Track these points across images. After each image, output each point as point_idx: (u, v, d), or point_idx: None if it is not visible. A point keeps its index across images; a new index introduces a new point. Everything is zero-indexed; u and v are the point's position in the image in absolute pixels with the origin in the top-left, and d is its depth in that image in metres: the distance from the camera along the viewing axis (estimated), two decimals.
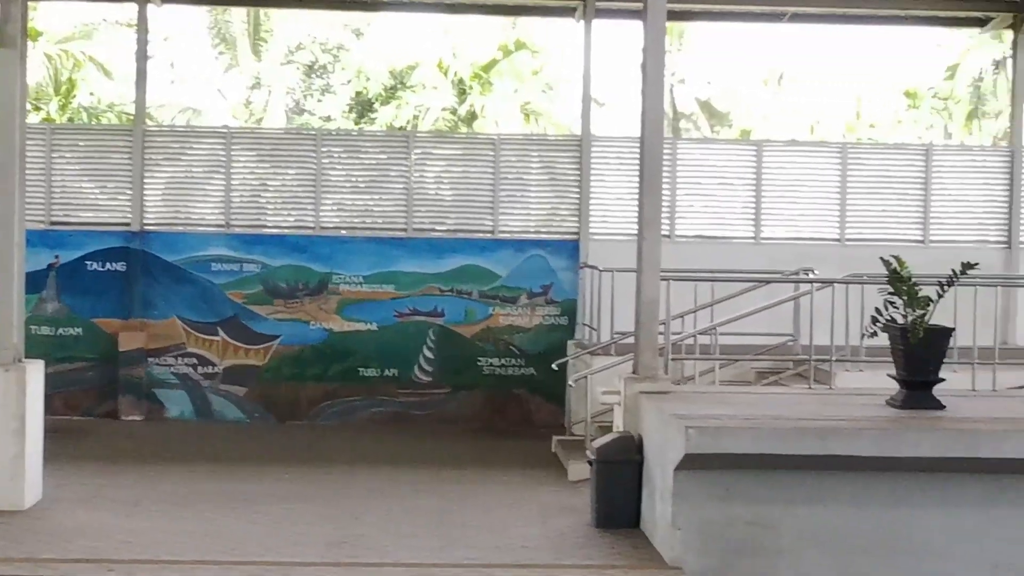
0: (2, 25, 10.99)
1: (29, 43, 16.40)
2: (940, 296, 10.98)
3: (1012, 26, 19.93)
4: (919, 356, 10.83)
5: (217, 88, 37.69)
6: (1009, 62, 21.30)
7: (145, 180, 18.72)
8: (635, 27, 15.53)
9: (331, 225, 18.87)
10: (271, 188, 19.00)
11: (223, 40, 37.58)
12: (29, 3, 14.60)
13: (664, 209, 14.79)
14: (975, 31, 24.25)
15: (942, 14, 20.30)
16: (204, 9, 34.63)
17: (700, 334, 14.60)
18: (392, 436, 17.29)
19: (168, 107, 34.85)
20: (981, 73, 38.49)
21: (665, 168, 13.86)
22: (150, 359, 18.42)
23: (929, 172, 19.76)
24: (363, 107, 37.67)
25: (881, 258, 11.18)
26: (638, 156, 12.39)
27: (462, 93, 37.13)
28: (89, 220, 18.81)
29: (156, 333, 18.46)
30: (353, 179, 19.15)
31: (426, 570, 9.35)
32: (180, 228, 18.79)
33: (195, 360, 18.47)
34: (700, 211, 19.27)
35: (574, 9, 19.22)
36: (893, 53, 39.83)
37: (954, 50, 38.84)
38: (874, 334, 11.35)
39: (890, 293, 10.94)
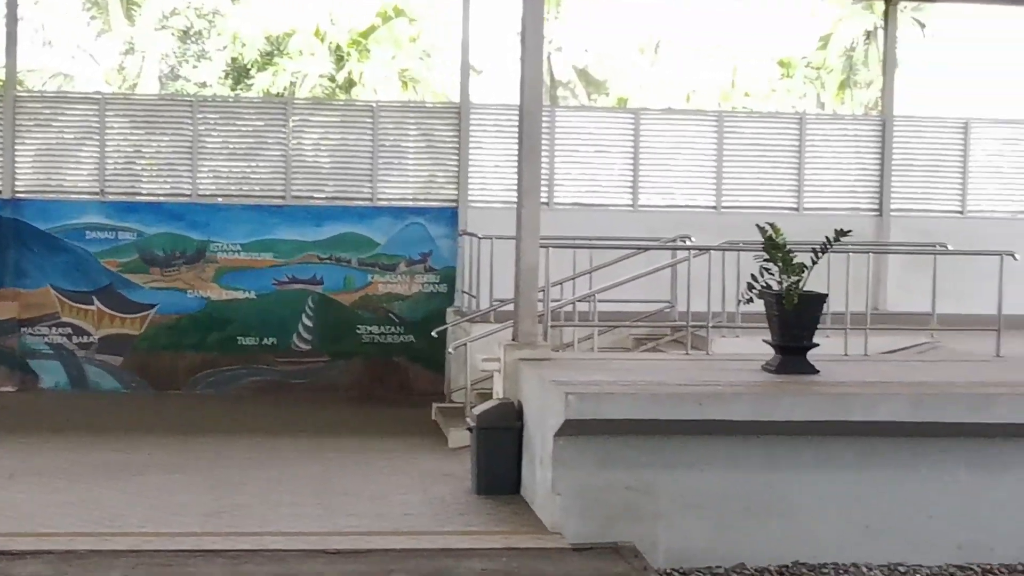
0: None
1: None
2: (814, 263, 11.17)
3: None
4: (793, 322, 11.00)
5: (89, 53, 37.01)
6: (880, 33, 21.68)
7: (16, 147, 18.32)
8: None
9: (208, 193, 18.65)
10: (146, 155, 18.74)
11: (95, 4, 36.92)
12: None
13: (543, 177, 14.83)
14: (847, 2, 24.61)
15: None
16: None
17: (579, 301, 14.68)
18: (271, 405, 17.20)
19: (39, 72, 34.30)
20: (853, 43, 39.17)
21: (544, 136, 13.94)
22: (23, 329, 18.07)
23: (803, 141, 20.05)
24: (239, 73, 37.33)
25: (757, 225, 11.34)
26: (517, 124, 12.41)
27: (340, 60, 36.97)
28: None
29: (29, 302, 18.11)
30: (230, 146, 18.94)
31: (306, 538, 9.31)
32: (53, 196, 18.41)
33: (70, 330, 18.15)
34: (578, 179, 19.36)
35: None
36: (767, 23, 40.42)
37: (827, 20, 39.47)
38: (750, 300, 11.51)
39: (765, 260, 11.10)
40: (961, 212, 20.23)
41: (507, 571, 8.55)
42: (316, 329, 18.45)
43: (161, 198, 18.53)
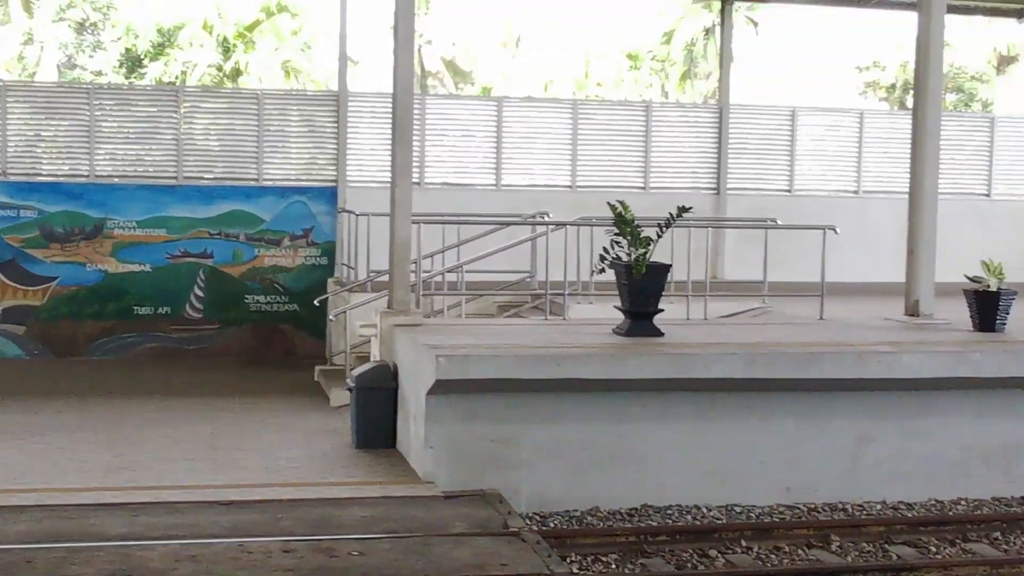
0: None
1: None
2: (659, 236, 11.31)
3: None
4: (641, 289, 11.14)
5: None
6: (718, 30, 21.91)
7: None
8: None
9: (105, 173, 18.29)
10: (45, 139, 18.33)
11: None
12: None
13: (414, 159, 14.80)
14: (688, 1, 24.85)
15: None
16: None
17: (448, 272, 14.70)
18: (166, 369, 16.97)
19: None
20: (694, 39, 39.66)
21: (415, 122, 13.91)
22: None
23: (649, 126, 20.26)
24: (133, 63, 36.73)
25: (608, 203, 11.45)
26: (390, 111, 12.39)
27: (227, 51, 36.56)
28: None
29: None
30: (125, 130, 18.59)
31: (201, 491, 9.24)
32: None
33: None
34: (447, 161, 19.37)
35: None
36: (617, 20, 40.74)
37: (670, 18, 39.90)
38: (602, 270, 11.62)
39: (616, 234, 11.20)
40: (789, 191, 20.62)
41: (384, 518, 8.56)
42: (207, 299, 18.24)
43: (60, 178, 18.14)
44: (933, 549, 9.29)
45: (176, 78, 35.27)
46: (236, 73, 36.21)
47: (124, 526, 8.06)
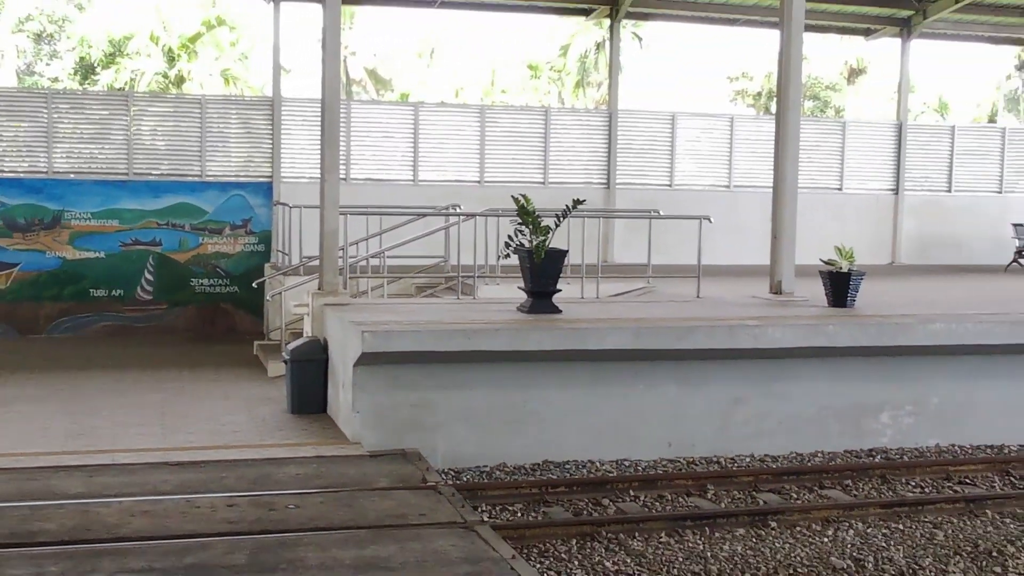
0: None
1: None
2: (557, 225, 11.36)
3: (609, 15, 20.64)
4: (542, 272, 11.19)
5: None
6: (607, 44, 21.99)
7: None
8: (316, 9, 15.32)
9: (62, 170, 17.98)
10: (6, 138, 17.93)
11: None
12: None
13: (341, 157, 14.75)
14: (582, 19, 24.90)
15: (557, 4, 20.84)
16: None
17: (372, 257, 14.63)
18: (119, 345, 16.74)
19: None
20: (586, 52, 39.83)
21: (341, 124, 13.79)
22: None
23: (548, 129, 20.33)
24: (86, 70, 36.05)
25: (512, 196, 11.49)
26: (319, 114, 12.35)
27: (172, 60, 36.02)
28: None
29: None
30: (80, 131, 18.29)
31: (152, 453, 9.18)
32: None
33: None
34: (370, 159, 19.29)
35: None
36: (520, 34, 40.78)
37: (566, 33, 39.99)
38: (507, 255, 11.65)
39: (519, 224, 11.24)
40: (670, 185, 20.81)
41: (317, 475, 8.55)
42: (156, 282, 18.05)
43: (21, 174, 17.78)
44: (794, 495, 9.47)
45: (126, 84, 34.74)
46: (180, 80, 35.73)
47: (83, 486, 7.98)
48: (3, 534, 6.79)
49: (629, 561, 7.65)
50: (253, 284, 17.18)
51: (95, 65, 36.16)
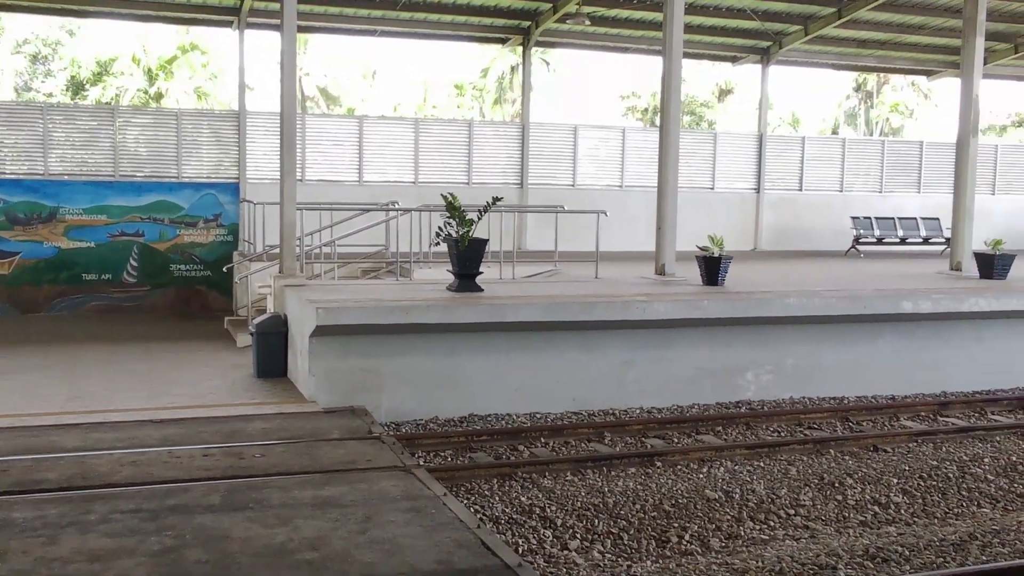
0: None
1: None
2: (479, 218, 11.40)
3: (522, 44, 20.65)
4: (466, 257, 11.24)
5: None
6: (520, 67, 22.03)
7: None
8: (275, 36, 15.12)
9: (57, 172, 17.60)
10: (7, 145, 17.47)
11: None
12: None
13: (297, 162, 14.60)
14: (499, 46, 24.88)
15: (478, 34, 20.77)
16: None
17: (324, 246, 14.55)
18: (108, 322, 16.47)
19: None
20: (503, 74, 39.86)
21: (297, 133, 13.69)
22: None
23: (471, 138, 20.32)
24: (77, 87, 35.30)
25: (442, 194, 11.52)
26: (279, 125, 12.28)
27: (152, 79, 35.42)
28: None
29: None
30: (72, 139, 17.89)
31: (139, 412, 9.05)
32: None
33: None
34: (322, 163, 19.15)
35: (231, 22, 18.56)
36: (448, 59, 40.74)
37: (486, 58, 39.95)
38: (438, 243, 11.71)
39: (448, 217, 11.26)
40: (573, 185, 20.92)
41: (279, 428, 8.51)
42: (140, 267, 17.78)
43: (21, 176, 17.39)
44: (675, 440, 9.63)
45: (112, 99, 34.12)
46: (159, 96, 35.15)
47: (79, 441, 7.87)
48: (9, 483, 6.69)
49: (540, 496, 7.73)
50: (223, 269, 17.30)
51: (84, 83, 35.51)
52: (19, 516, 5.98)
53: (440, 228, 11.46)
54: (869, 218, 22.09)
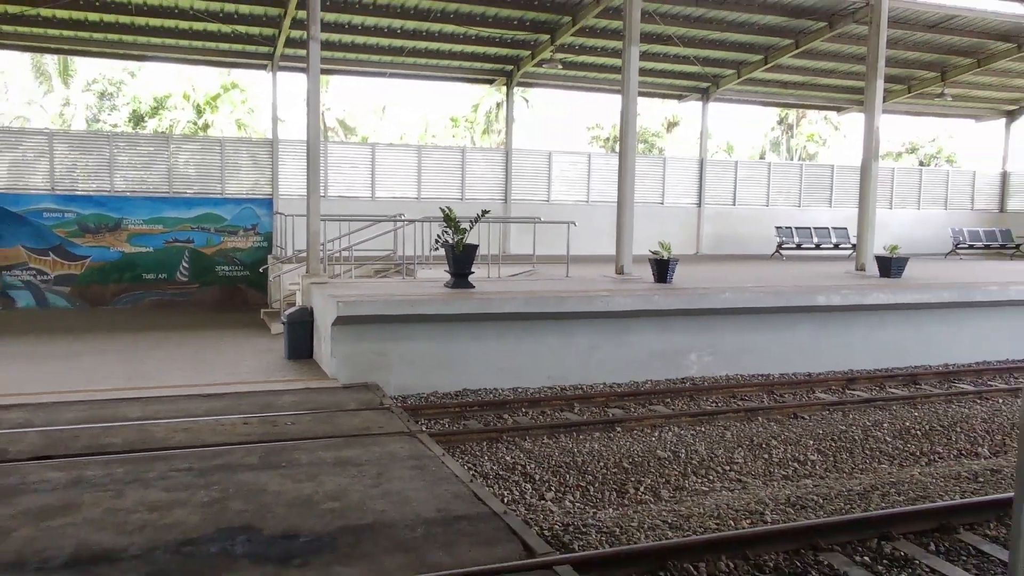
0: None
1: None
2: (471, 228, 11.40)
3: (506, 84, 20.65)
4: (461, 260, 11.23)
5: (40, 105, 33.86)
6: (505, 103, 22.03)
7: None
8: (302, 77, 15.05)
9: (121, 189, 17.49)
10: (79, 167, 17.34)
11: (42, 74, 33.66)
12: None
13: (321, 180, 14.55)
14: (487, 86, 24.85)
15: (470, 76, 20.73)
16: (26, 56, 31.30)
17: (343, 250, 14.51)
18: (163, 314, 16.44)
19: (2, 116, 31.35)
20: (491, 109, 39.72)
21: (320, 158, 13.64)
22: (3, 272, 16.61)
23: (464, 161, 20.31)
24: (137, 119, 35.01)
25: (440, 207, 11.54)
26: (305, 151, 12.25)
27: (199, 112, 35.18)
28: None
29: (6, 256, 16.63)
30: (133, 161, 17.75)
31: (188, 388, 9.03)
32: (21, 191, 16.89)
33: (35, 272, 16.83)
34: (341, 182, 19.07)
35: (266, 65, 18.46)
36: (445, 97, 40.64)
37: (476, 96, 39.84)
38: (437, 248, 11.68)
39: (445, 226, 11.25)
40: (548, 200, 20.91)
41: (306, 401, 8.49)
42: (190, 268, 17.72)
43: (91, 193, 17.28)
44: (632, 409, 9.65)
45: (167, 129, 33.84)
46: (206, 126, 34.89)
47: (139, 412, 7.84)
48: (81, 446, 6.66)
49: (522, 456, 7.74)
50: (260, 269, 17.33)
51: (143, 115, 35.24)
52: (91, 474, 5.95)
53: (439, 235, 11.46)
54: (790, 228, 22.23)
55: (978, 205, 25.75)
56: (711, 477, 7.41)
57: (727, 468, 7.63)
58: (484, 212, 11.78)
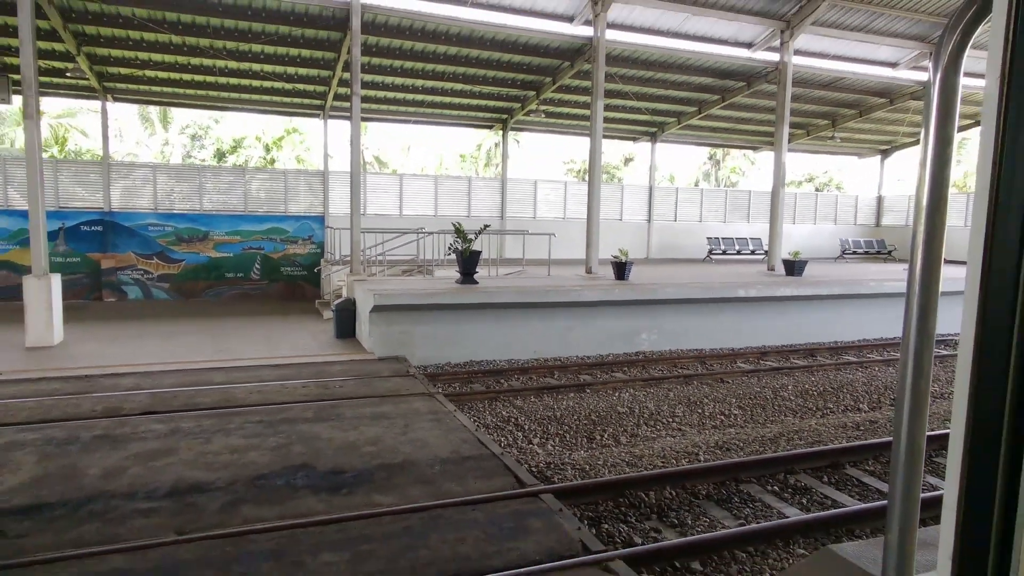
0: (31, 109, 9.38)
1: (43, 118, 14.01)
2: (475, 238, 11.35)
3: (502, 129, 20.57)
4: (468, 263, 11.19)
5: (145, 144, 33.66)
6: (500, 144, 21.92)
7: (111, 187, 16.63)
8: (346, 123, 14.93)
9: (208, 209, 17.33)
10: (176, 192, 17.21)
11: (147, 121, 33.44)
12: (41, 97, 12.43)
13: (361, 202, 14.49)
14: (487, 131, 24.75)
15: (475, 123, 20.65)
16: (135, 107, 31.01)
17: (378, 255, 14.46)
18: (241, 304, 16.30)
19: (117, 153, 31.09)
20: (490, 148, 39.54)
21: (360, 185, 13.55)
22: (117, 271, 16.46)
23: (471, 188, 20.20)
24: (220, 155, 34.69)
25: (452, 223, 11.48)
26: (350, 180, 12.11)
27: (268, 150, 34.93)
28: (82, 206, 16.47)
29: (119, 259, 16.45)
30: (220, 187, 17.62)
31: (261, 359, 8.98)
32: (131, 210, 16.73)
33: (142, 272, 16.64)
34: (376, 203, 18.95)
35: (319, 114, 18.35)
36: (454, 139, 40.43)
37: (479, 138, 39.67)
38: (450, 254, 11.63)
39: (456, 237, 11.20)
40: (534, 218, 20.80)
41: (350, 369, 8.45)
42: (262, 269, 17.56)
43: (186, 210, 17.13)
44: (598, 376, 9.65)
45: (243, 163, 33.68)
46: (272, 161, 34.67)
47: (223, 378, 7.80)
48: (179, 404, 6.62)
49: (514, 410, 7.73)
50: (315, 270, 17.13)
51: (225, 152, 35.02)
52: (185, 426, 5.93)
53: (451, 244, 11.42)
54: (718, 238, 22.20)
55: (860, 221, 25.81)
56: (658, 427, 7.42)
57: (670, 420, 7.65)
58: (485, 226, 11.76)
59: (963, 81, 0.93)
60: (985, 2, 0.84)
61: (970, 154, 26.09)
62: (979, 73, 12.44)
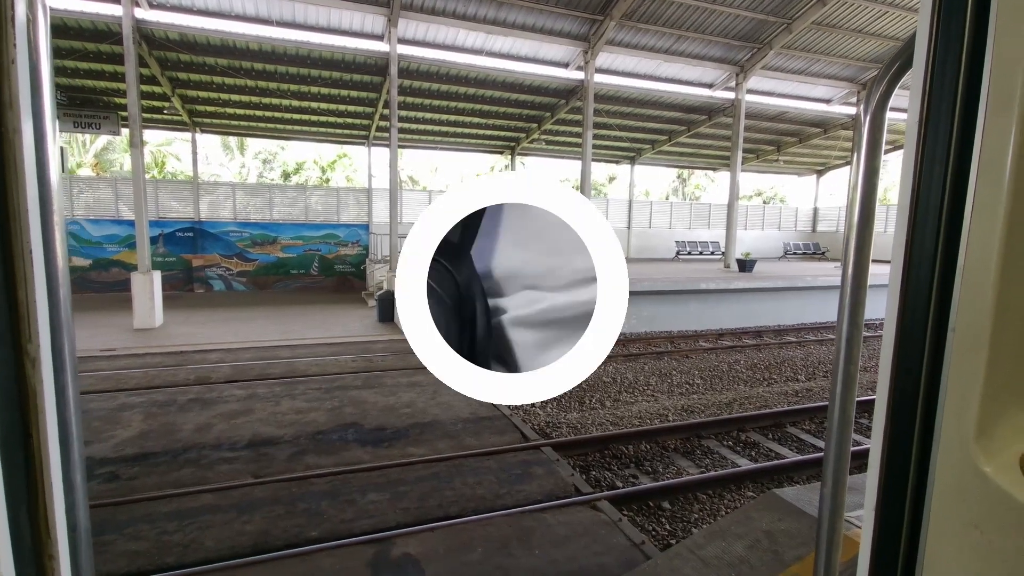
0: (136, 139, 9.43)
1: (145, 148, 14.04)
2: None
3: (511, 154, 20.50)
4: None
5: (226, 167, 33.78)
6: (509, 166, 21.87)
7: (200, 200, 16.72)
8: (386, 149, 14.91)
9: (276, 218, 17.40)
10: (251, 206, 17.29)
11: (227, 148, 33.57)
12: (143, 129, 12.49)
13: (399, 213, 14.47)
14: (499, 155, 24.75)
15: (489, 150, 20.60)
16: (218, 137, 31.19)
17: None
18: (304, 295, 16.35)
19: (205, 174, 31.33)
20: (501, 169, 39.39)
21: (398, 200, 13.55)
22: (205, 269, 16.55)
23: None
24: (286, 175, 34.84)
25: None
26: (388, 195, 12.10)
27: (323, 171, 35.01)
28: (176, 216, 16.53)
29: (207, 259, 16.53)
30: (285, 201, 17.70)
31: (318, 339, 9.01)
32: (216, 219, 16.82)
33: (224, 268, 16.72)
34: (410, 213, 18.87)
35: (363, 143, 18.36)
36: (472, 163, 40.26)
37: (493, 161, 39.58)
38: None
39: None
40: None
41: (391, 347, 8.45)
42: (320, 267, 17.60)
43: (258, 220, 17.20)
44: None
45: (304, 182, 33.77)
46: (327, 180, 34.79)
47: (289, 354, 7.84)
48: (254, 375, 6.66)
49: None
50: (361, 267, 17.08)
51: (290, 173, 35.14)
52: (260, 391, 5.97)
53: None
54: (684, 241, 22.04)
55: (799, 227, 25.61)
56: (635, 394, 7.40)
57: (645, 388, 7.63)
58: None
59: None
60: (908, 57, 0.85)
61: (889, 173, 25.81)
62: (899, 108, 12.30)
